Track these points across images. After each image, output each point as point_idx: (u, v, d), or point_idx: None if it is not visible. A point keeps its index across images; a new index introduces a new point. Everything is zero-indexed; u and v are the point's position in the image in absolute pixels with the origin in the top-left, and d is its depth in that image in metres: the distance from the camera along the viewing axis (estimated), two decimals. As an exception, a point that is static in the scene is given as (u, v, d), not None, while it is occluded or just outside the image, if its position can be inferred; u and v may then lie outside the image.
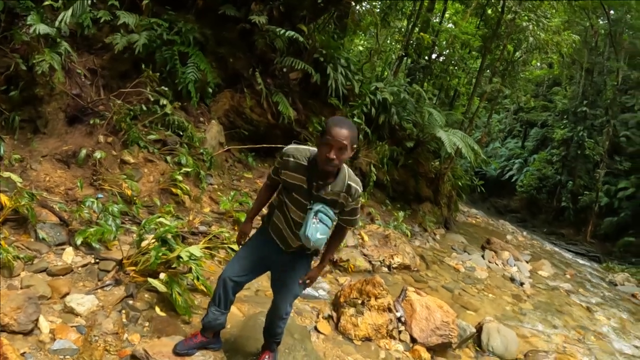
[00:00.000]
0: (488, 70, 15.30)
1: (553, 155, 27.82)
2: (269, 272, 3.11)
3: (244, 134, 7.89)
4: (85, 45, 6.16)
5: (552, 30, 14.17)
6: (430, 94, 13.73)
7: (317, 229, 2.61)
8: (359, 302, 4.65)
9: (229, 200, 6.07)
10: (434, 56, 14.98)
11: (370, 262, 6.78)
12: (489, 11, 14.21)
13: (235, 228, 5.70)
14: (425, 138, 11.42)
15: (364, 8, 11.59)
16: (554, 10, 15.38)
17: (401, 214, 10.08)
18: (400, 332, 4.67)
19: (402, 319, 4.79)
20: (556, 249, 18.28)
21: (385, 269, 6.92)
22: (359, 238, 7.34)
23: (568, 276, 11.67)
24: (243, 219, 5.68)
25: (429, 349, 4.57)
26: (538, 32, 12.80)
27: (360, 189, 2.74)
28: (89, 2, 5.37)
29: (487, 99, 17.36)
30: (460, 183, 14.14)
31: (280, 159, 2.80)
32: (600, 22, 25.61)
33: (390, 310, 4.72)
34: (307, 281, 3.02)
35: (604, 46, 26.04)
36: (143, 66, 6.08)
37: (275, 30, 7.27)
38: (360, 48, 12.21)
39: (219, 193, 6.48)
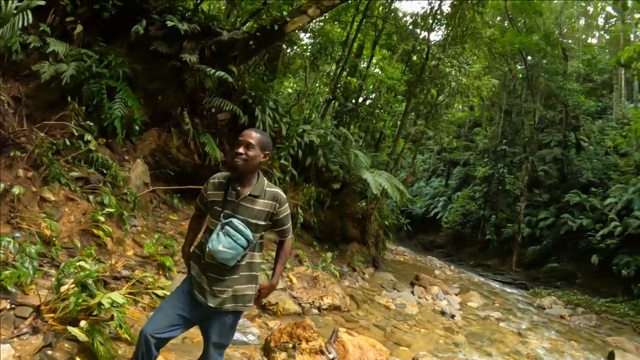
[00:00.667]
0: (413, 113, 16.02)
1: (476, 192, 29.39)
2: None
3: (170, 174, 7.78)
4: (12, 70, 5.92)
5: (473, 75, 15.16)
6: (357, 136, 14.19)
7: (219, 241, 2.63)
8: (290, 346, 4.65)
9: (154, 243, 5.91)
10: (360, 99, 15.55)
11: (299, 304, 6.80)
12: (414, 57, 15.03)
13: (160, 272, 5.57)
14: (352, 179, 11.68)
15: (294, 51, 11.93)
16: (475, 57, 16.46)
17: (329, 254, 10.20)
18: None
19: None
20: (484, 280, 19.06)
21: (316, 311, 6.96)
22: (287, 280, 7.36)
23: (497, 305, 12.18)
24: (168, 263, 5.60)
25: None
26: (460, 78, 13.66)
27: (283, 194, 2.84)
28: (20, 25, 5.15)
29: (411, 140, 18.13)
30: (387, 222, 14.53)
31: (205, 185, 2.92)
32: (519, 67, 27.75)
33: (322, 352, 4.72)
34: (261, 295, 2.99)
35: (521, 89, 28.25)
36: (69, 98, 5.88)
37: (206, 70, 7.29)
38: (290, 90, 12.52)
39: (142, 235, 6.31)
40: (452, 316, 9.27)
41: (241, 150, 2.73)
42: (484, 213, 27.95)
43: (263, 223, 2.77)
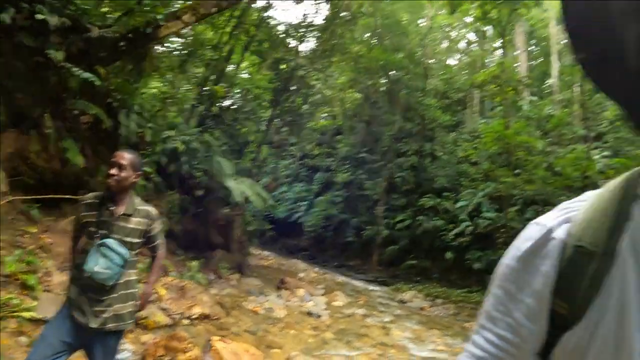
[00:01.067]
0: (278, 120, 16.38)
1: (336, 197, 30.75)
2: None
3: (29, 182, 7.21)
4: None
5: (338, 88, 15.92)
6: (221, 142, 14.22)
7: (96, 262, 2.70)
8: (167, 359, 4.66)
9: (15, 260, 5.49)
10: (227, 103, 15.53)
11: (170, 316, 6.73)
12: (283, 66, 15.37)
13: (25, 293, 5.19)
14: (215, 186, 11.70)
15: (163, 52, 11.57)
16: (341, 70, 17.26)
17: (195, 263, 10.11)
18: None
19: None
20: (347, 279, 20.01)
21: (187, 321, 6.93)
22: (155, 292, 7.23)
23: (361, 302, 12.90)
24: (32, 282, 5.24)
25: None
26: (325, 91, 14.27)
27: (155, 211, 2.99)
28: None
29: (275, 147, 18.53)
30: (250, 228, 14.69)
31: (78, 207, 2.97)
32: (382, 81, 29.59)
33: None
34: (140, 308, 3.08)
35: (383, 101, 30.08)
36: None
37: (72, 70, 6.86)
38: (154, 91, 12.09)
39: (2, 252, 5.82)
40: (319, 316, 9.69)
41: (114, 171, 2.83)
42: (344, 217, 29.43)
43: (138, 241, 2.89)
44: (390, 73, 27.79)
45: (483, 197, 22.41)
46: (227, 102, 15.52)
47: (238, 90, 14.84)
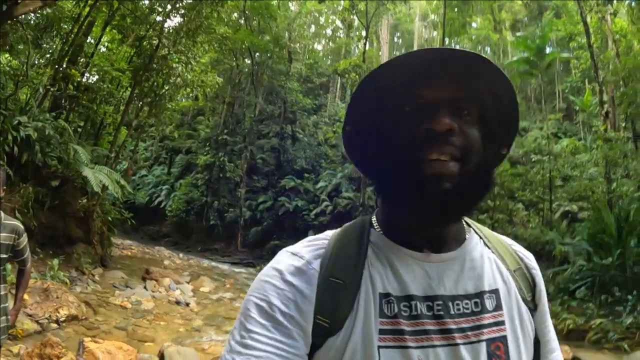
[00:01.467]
0: (137, 100, 15.71)
1: (198, 180, 30.43)
2: None
3: None
4: None
5: (200, 69, 15.65)
6: (76, 126, 13.37)
7: None
8: (44, 366, 4.53)
9: None
10: (84, 79, 14.48)
11: (37, 321, 6.45)
12: (145, 44, 14.66)
13: None
14: (71, 175, 11.13)
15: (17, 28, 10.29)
16: (204, 51, 16.89)
17: (56, 261, 9.55)
18: None
19: None
20: (213, 263, 20.12)
21: (55, 325, 6.68)
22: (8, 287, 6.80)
23: (228, 286, 13.16)
24: None
25: None
26: (186, 74, 13.97)
27: (21, 226, 2.99)
28: None
29: (134, 128, 17.81)
30: (110, 218, 14.15)
31: None
32: (246, 62, 29.50)
33: None
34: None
35: (246, 83, 30.15)
36: None
37: None
38: (7, 69, 10.74)
39: None
40: (187, 304, 9.79)
41: None
42: (206, 200, 29.27)
43: (5, 256, 2.87)
44: (255, 55, 27.85)
45: (342, 178, 23.85)
46: (83, 82, 14.48)
47: (96, 70, 13.87)
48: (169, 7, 13.96)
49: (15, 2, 7.15)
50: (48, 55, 13.25)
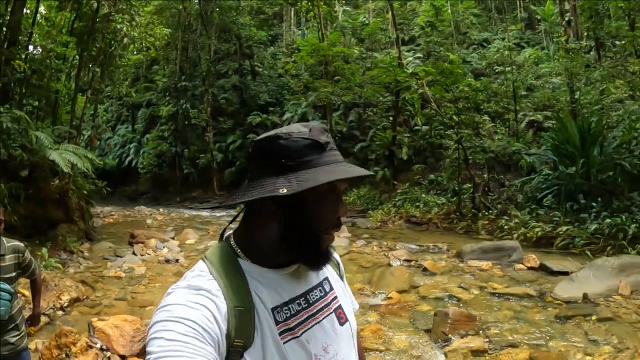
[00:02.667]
0: (87, 65, 15.51)
1: (164, 131, 30.45)
2: None
3: None
4: None
5: (147, 21, 15.40)
6: (32, 107, 13.35)
7: None
8: (64, 356, 5.07)
9: None
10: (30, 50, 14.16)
11: (44, 314, 6.89)
12: (84, 6, 14.30)
13: None
14: (39, 161, 11.22)
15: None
16: (146, 2, 16.47)
17: (44, 250, 9.78)
18: (110, 358, 5.35)
19: (104, 347, 5.44)
20: (194, 212, 20.72)
21: (61, 312, 7.13)
22: (20, 296, 7.22)
23: (212, 233, 13.72)
24: None
25: (139, 355, 5.39)
26: (131, 32, 13.84)
27: (21, 245, 3.39)
28: None
29: (90, 94, 17.71)
30: (85, 191, 14.37)
31: None
32: (195, 2, 28.77)
33: (91, 347, 5.28)
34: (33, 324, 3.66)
35: (196, 25, 29.44)
36: None
37: None
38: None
39: None
40: (177, 260, 10.23)
41: None
42: (176, 150, 29.53)
43: (14, 274, 3.29)
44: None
45: (307, 107, 24.14)
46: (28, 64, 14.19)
47: (39, 50, 13.60)
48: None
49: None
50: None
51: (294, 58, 25.75)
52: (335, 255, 1.33)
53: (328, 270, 1.24)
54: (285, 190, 0.98)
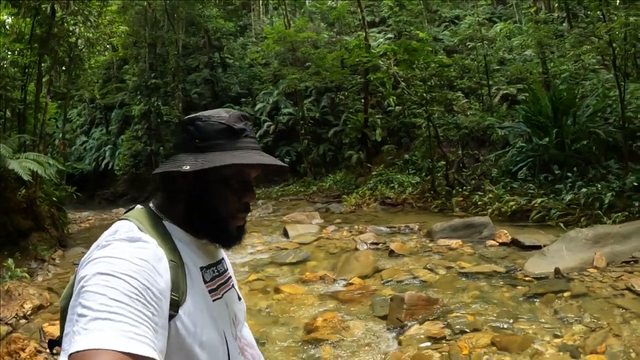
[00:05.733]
0: (51, 71, 15.29)
1: (138, 131, 30.25)
2: None
3: None
4: None
5: (108, 20, 15.20)
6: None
7: None
8: (12, 363, 5.06)
9: None
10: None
11: (7, 324, 6.82)
12: (41, 11, 14.08)
13: None
14: (3, 172, 11.10)
15: None
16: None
17: (11, 261, 9.73)
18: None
19: (54, 351, 5.41)
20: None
21: (24, 321, 7.06)
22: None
23: None
24: None
25: None
26: (87, 33, 13.62)
27: None
28: None
29: (59, 99, 17.49)
30: (55, 198, 14.21)
31: None
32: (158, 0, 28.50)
33: (40, 352, 5.29)
34: None
35: (163, 21, 29.19)
36: None
37: None
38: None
39: None
40: None
41: None
42: (151, 148, 29.31)
43: None
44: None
45: (278, 95, 24.23)
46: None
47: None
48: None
49: None
50: None
51: (260, 47, 25.65)
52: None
53: (222, 252, 1.29)
54: (187, 167, 1.05)
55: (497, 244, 8.35)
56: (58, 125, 22.02)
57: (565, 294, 5.55)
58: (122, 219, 1.08)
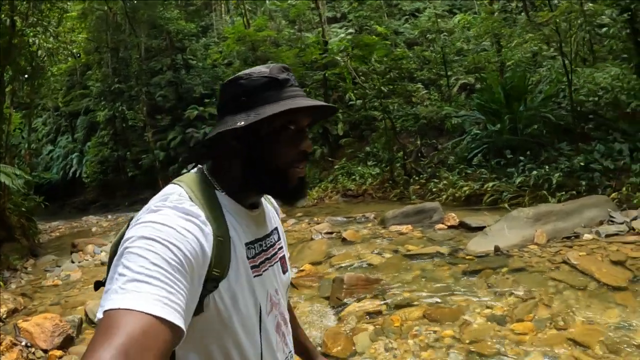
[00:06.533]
0: (14, 82, 15.52)
1: (104, 137, 30.44)
2: None
3: None
4: None
5: (68, 27, 15.39)
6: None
7: None
8: (-11, 360, 5.48)
9: None
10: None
11: (-17, 329, 7.22)
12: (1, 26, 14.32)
13: None
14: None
15: None
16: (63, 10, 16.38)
17: None
18: (34, 352, 5.73)
19: (28, 344, 5.86)
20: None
21: (1, 324, 7.46)
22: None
23: None
24: None
25: (60, 347, 5.78)
26: (46, 43, 13.87)
27: None
28: None
29: (23, 109, 17.70)
30: (24, 208, 14.43)
31: None
32: (119, 4, 28.55)
33: (15, 345, 5.69)
34: None
35: (124, 24, 29.29)
36: None
37: None
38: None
39: None
40: None
41: None
42: (118, 154, 29.57)
43: None
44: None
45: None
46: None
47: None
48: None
49: None
50: None
51: (221, 48, 25.89)
52: (275, 203, 1.45)
53: (277, 221, 1.36)
54: (242, 123, 1.05)
55: (446, 227, 8.73)
56: (23, 135, 22.09)
57: (504, 270, 5.85)
58: (174, 183, 1.09)
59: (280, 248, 1.32)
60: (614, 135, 10.74)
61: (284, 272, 1.31)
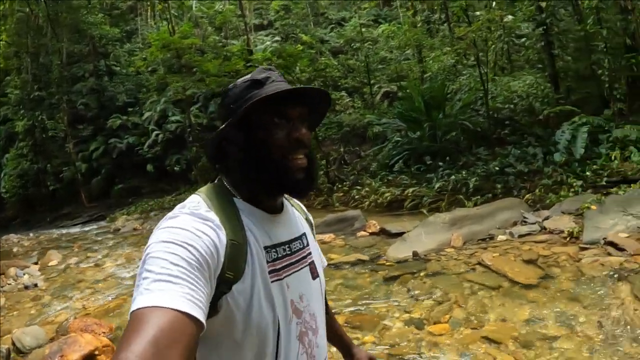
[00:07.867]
0: None
1: (23, 148, 28.60)
2: None
3: None
4: None
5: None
6: None
7: None
8: None
9: None
10: None
11: None
12: None
13: None
14: None
15: None
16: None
17: None
18: None
19: None
20: (64, 230, 19.95)
21: None
22: None
23: (76, 249, 13.34)
24: None
25: None
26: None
27: None
28: None
29: None
30: None
31: None
32: (43, 4, 27.18)
33: None
34: None
35: (46, 28, 27.89)
36: None
37: None
38: None
39: None
40: (35, 285, 9.89)
41: None
42: (38, 166, 27.93)
43: None
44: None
45: (166, 103, 23.98)
46: None
47: None
48: None
49: None
50: None
51: (144, 54, 25.20)
52: (308, 214, 1.47)
53: (305, 227, 1.34)
54: (222, 125, 1.12)
55: (368, 234, 8.87)
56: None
57: (422, 274, 6.01)
58: (195, 194, 1.15)
59: (309, 254, 1.30)
60: (529, 140, 11.31)
61: (314, 278, 1.30)
